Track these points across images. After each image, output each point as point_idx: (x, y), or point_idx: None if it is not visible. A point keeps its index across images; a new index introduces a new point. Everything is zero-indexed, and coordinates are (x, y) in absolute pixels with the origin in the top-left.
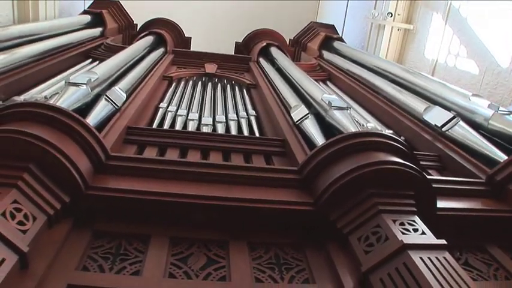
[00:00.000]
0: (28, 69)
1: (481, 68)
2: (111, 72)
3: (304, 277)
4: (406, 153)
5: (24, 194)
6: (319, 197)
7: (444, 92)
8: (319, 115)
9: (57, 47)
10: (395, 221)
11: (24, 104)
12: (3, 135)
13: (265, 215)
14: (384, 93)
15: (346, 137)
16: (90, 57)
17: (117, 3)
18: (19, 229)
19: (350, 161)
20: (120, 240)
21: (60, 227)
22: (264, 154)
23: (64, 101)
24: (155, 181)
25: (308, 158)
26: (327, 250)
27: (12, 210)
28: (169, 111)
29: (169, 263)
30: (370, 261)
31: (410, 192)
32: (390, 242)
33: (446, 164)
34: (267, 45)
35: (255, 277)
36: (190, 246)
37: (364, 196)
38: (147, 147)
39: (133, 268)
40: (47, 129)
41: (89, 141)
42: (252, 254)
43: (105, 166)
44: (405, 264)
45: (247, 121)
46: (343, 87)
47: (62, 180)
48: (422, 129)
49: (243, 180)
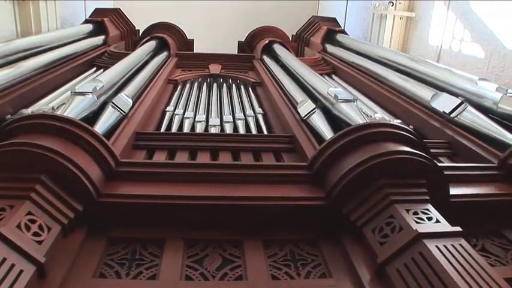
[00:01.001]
0: (34, 81)
1: (487, 51)
2: (116, 79)
3: (321, 272)
4: (416, 141)
5: (38, 205)
6: (330, 191)
7: (450, 78)
8: (326, 109)
9: (61, 57)
10: (409, 211)
11: (32, 116)
12: (14, 148)
13: (277, 212)
14: (389, 83)
15: (354, 129)
16: (94, 66)
17: (117, 10)
18: (35, 240)
19: (360, 153)
20: (134, 245)
21: (75, 236)
22: (273, 151)
23: (71, 111)
24: (166, 185)
25: (317, 153)
26: (342, 244)
27: (26, 222)
28: (176, 115)
29: (185, 265)
30: (385, 253)
31: (422, 180)
32: (405, 232)
33: (457, 150)
34: (270, 42)
35: (271, 275)
36: (205, 247)
37: (375, 187)
38: (156, 151)
39: (149, 272)
40: (56, 139)
41: (98, 149)
42: (267, 251)
43: (116, 173)
44: (421, 254)
45: (255, 119)
46: (348, 79)
47: (74, 189)
48: (431, 117)
49: (253, 178)
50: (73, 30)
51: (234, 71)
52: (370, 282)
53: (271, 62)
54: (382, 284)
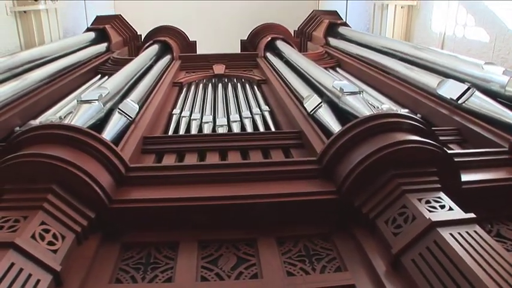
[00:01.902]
0: (40, 92)
1: (491, 35)
2: (121, 85)
3: (336, 266)
4: (424, 130)
5: (51, 215)
6: (341, 184)
7: (456, 64)
8: (332, 102)
9: (66, 67)
10: (421, 200)
11: (41, 127)
12: (24, 160)
13: (289, 208)
14: (395, 73)
15: (362, 121)
16: (98, 73)
17: (119, 16)
18: (50, 249)
19: (368, 144)
20: (149, 249)
21: (89, 243)
22: (282, 148)
23: (78, 119)
24: (176, 187)
25: (326, 147)
26: (356, 236)
27: (41, 232)
28: (183, 117)
29: (200, 266)
30: (400, 243)
31: (433, 169)
32: (418, 222)
33: (466, 136)
34: (272, 39)
35: (286, 271)
36: (219, 247)
37: (386, 178)
38: (165, 154)
39: (165, 276)
40: (66, 148)
41: (107, 156)
42: (281, 248)
43: (126, 178)
44: (436, 242)
45: (262, 117)
46: (353, 71)
47: (86, 197)
48: (438, 104)
49: (263, 176)
50: (76, 39)
51: (238, 70)
52: (386, 273)
53: (274, 58)
54: (398, 275)
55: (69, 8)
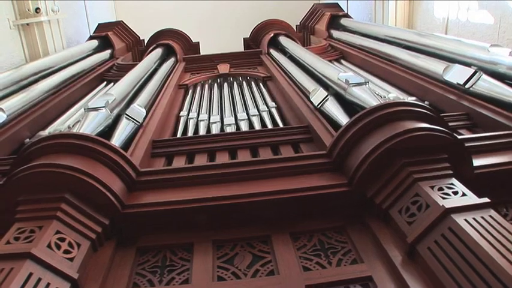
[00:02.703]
0: (47, 103)
1: (496, 17)
2: (127, 90)
3: (352, 258)
4: (433, 117)
5: (65, 224)
6: (352, 176)
7: (461, 49)
8: (338, 95)
9: (71, 76)
10: (434, 187)
11: (50, 137)
12: (35, 171)
13: (302, 203)
14: (400, 62)
15: (369, 112)
16: (104, 80)
17: (120, 23)
18: (66, 257)
19: (377, 135)
20: (164, 252)
21: (104, 249)
22: (291, 143)
23: (87, 127)
24: (188, 189)
25: (335, 140)
26: (370, 227)
27: (56, 241)
28: (190, 118)
29: (216, 266)
30: (414, 232)
31: (444, 155)
32: (432, 209)
33: (476, 120)
34: (275, 35)
35: (302, 266)
36: (234, 246)
37: (397, 167)
38: (175, 157)
39: (182, 277)
40: (76, 157)
41: (117, 162)
42: (296, 243)
43: (137, 183)
44: (451, 229)
45: (269, 114)
46: (357, 62)
47: (98, 204)
48: (446, 90)
49: (274, 172)
50: (79, 48)
51: (243, 68)
52: (402, 263)
53: (278, 54)
54: (414, 263)
55: (71, 18)
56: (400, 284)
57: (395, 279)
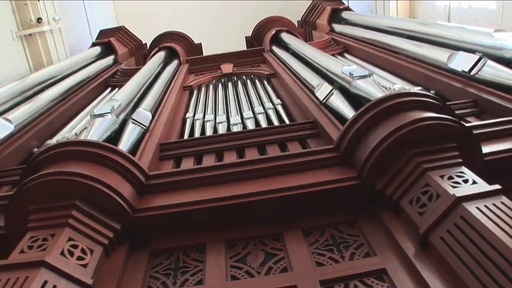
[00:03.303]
0: (54, 111)
1: (498, 1)
2: (131, 95)
3: (365, 251)
4: (439, 106)
5: (77, 230)
6: (361, 169)
7: (465, 35)
8: (343, 89)
9: (76, 84)
10: (443, 176)
11: (58, 146)
12: (44, 180)
13: (312, 199)
14: (403, 52)
15: (375, 104)
16: (109, 86)
17: (122, 28)
18: (80, 264)
19: (384, 126)
20: (177, 254)
21: (117, 254)
22: (298, 139)
23: (94, 134)
24: (197, 190)
25: (342, 133)
26: (381, 220)
27: (69, 248)
28: (196, 120)
29: (229, 266)
30: (426, 222)
31: (452, 144)
32: (443, 199)
33: (483, 107)
34: (277, 32)
35: (315, 262)
36: (246, 245)
37: (406, 158)
38: (183, 159)
39: (195, 278)
40: (84, 164)
41: (126, 166)
42: (308, 239)
43: (147, 186)
44: (463, 218)
45: (275, 111)
46: (361, 55)
47: (109, 209)
48: (451, 78)
49: (282, 169)
50: (83, 56)
51: (247, 67)
52: (415, 254)
53: (281, 51)
54: (427, 254)
55: (73, 26)
56: (414, 275)
57: (409, 271)
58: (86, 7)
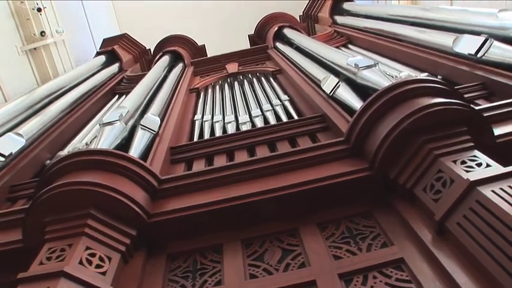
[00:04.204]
0: (63, 123)
1: None
2: (139, 101)
3: (381, 242)
4: (447, 91)
5: (94, 239)
6: (372, 159)
7: (469, 18)
8: (350, 80)
9: (83, 94)
10: (456, 161)
11: (69, 156)
12: (58, 191)
13: (325, 192)
14: (408, 39)
15: (382, 93)
16: (116, 94)
17: (125, 35)
18: (98, 272)
19: (393, 115)
20: (194, 256)
21: (135, 260)
22: (308, 134)
23: (104, 142)
24: (210, 191)
25: (351, 125)
26: (396, 209)
27: (87, 257)
28: (205, 121)
29: (247, 264)
30: (442, 209)
31: (463, 128)
32: (457, 184)
33: (492, 89)
34: (279, 28)
35: (333, 255)
36: (263, 243)
37: (417, 145)
38: (195, 161)
39: (214, 279)
40: (97, 173)
41: (138, 172)
42: (324, 233)
43: (160, 191)
44: (478, 202)
45: (283, 107)
46: (365, 45)
47: (124, 216)
48: (458, 62)
49: (294, 165)
50: (88, 66)
51: (251, 65)
52: (433, 241)
53: (285, 47)
54: (445, 240)
55: (76, 37)
56: (432, 262)
57: (428, 258)
58: (87, 17)
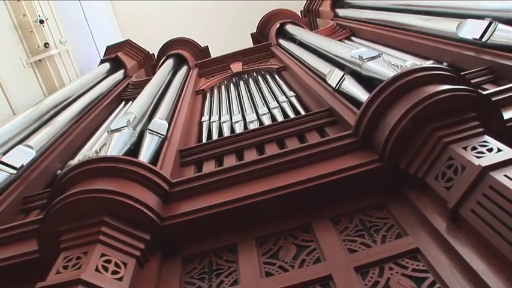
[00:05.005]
0: (72, 132)
1: None
2: (145, 106)
3: (396, 232)
4: (453, 77)
5: (109, 245)
6: (382, 151)
7: (471, 3)
8: (355, 72)
9: (90, 102)
10: (466, 148)
11: (80, 165)
12: (71, 200)
13: (336, 186)
14: (411, 28)
15: (388, 83)
16: (122, 100)
17: (128, 41)
18: (115, 278)
19: (400, 105)
20: (209, 257)
21: (151, 264)
22: (316, 129)
23: (113, 149)
24: (221, 191)
25: (359, 117)
26: (409, 199)
27: (103, 264)
28: (213, 122)
29: (262, 263)
30: (455, 196)
31: (472, 114)
32: (468, 170)
33: (500, 73)
34: (281, 24)
35: (347, 249)
36: (277, 240)
37: (426, 134)
38: (204, 162)
39: (230, 279)
40: (108, 179)
41: (148, 177)
42: (337, 227)
43: (171, 194)
44: (492, 187)
45: (289, 103)
46: (369, 37)
47: (137, 221)
48: (463, 48)
49: (304, 161)
50: (93, 74)
51: (256, 64)
52: (447, 229)
53: (288, 43)
54: (459, 228)
55: (80, 46)
56: (448, 250)
57: (443, 247)
58: (89, 25)
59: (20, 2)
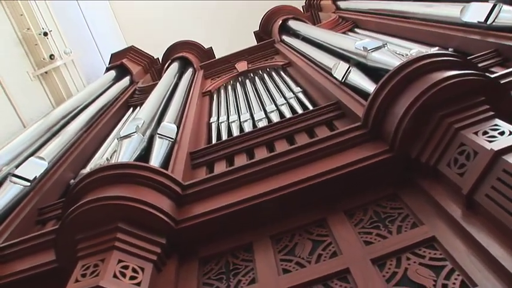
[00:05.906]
0: (82, 141)
1: None
2: (153, 111)
3: (411, 222)
4: (460, 62)
5: (125, 251)
6: (392, 141)
7: None
8: (360, 64)
9: (98, 110)
10: (477, 132)
11: (92, 173)
12: (85, 208)
13: (349, 179)
14: (414, 15)
15: (394, 73)
16: (130, 107)
17: (132, 47)
18: (133, 283)
19: (408, 93)
20: (225, 257)
21: (168, 267)
22: (325, 123)
23: (124, 156)
24: (233, 191)
25: (367, 109)
26: (422, 188)
27: (121, 270)
28: (221, 122)
29: (278, 260)
30: (468, 182)
31: (481, 98)
32: (481, 155)
33: (507, 55)
34: (284, 21)
35: (363, 241)
36: (292, 237)
37: (436, 121)
38: (215, 163)
39: (248, 278)
40: (120, 186)
41: (160, 181)
42: (352, 220)
43: (184, 197)
44: (505, 171)
45: (296, 99)
46: (372, 27)
47: (152, 226)
48: (468, 32)
49: (314, 156)
50: (99, 82)
51: (261, 61)
52: (463, 216)
53: (292, 39)
54: (475, 214)
55: (85, 55)
56: (464, 237)
57: (459, 234)
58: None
59: (23, 16)
